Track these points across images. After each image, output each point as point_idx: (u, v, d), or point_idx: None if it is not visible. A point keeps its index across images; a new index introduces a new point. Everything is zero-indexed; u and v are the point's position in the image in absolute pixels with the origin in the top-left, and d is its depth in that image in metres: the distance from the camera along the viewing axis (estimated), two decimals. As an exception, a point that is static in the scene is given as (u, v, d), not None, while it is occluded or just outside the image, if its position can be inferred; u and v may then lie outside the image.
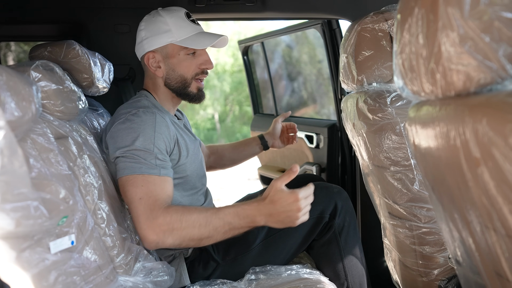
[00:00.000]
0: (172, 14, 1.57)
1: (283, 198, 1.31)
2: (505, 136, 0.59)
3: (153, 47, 1.56)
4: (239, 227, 1.34)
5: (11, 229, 0.79)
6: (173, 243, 1.31)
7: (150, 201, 1.32)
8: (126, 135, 1.39)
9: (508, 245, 0.66)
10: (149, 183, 1.35)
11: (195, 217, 1.32)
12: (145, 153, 1.37)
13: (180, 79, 1.58)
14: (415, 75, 0.78)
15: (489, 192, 0.66)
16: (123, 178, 1.37)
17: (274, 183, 1.33)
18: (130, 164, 1.36)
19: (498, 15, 0.65)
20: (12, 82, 0.89)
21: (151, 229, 1.29)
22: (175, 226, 1.30)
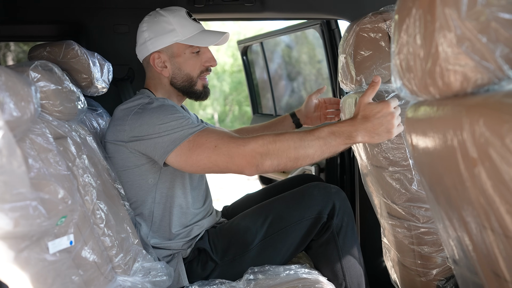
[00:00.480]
0: (175, 13, 1.58)
1: (375, 110, 1.31)
2: (502, 136, 0.59)
3: (158, 47, 1.57)
4: (335, 145, 1.33)
5: (10, 229, 0.79)
6: (271, 164, 1.33)
7: (226, 141, 1.35)
8: (149, 121, 1.41)
9: (506, 245, 0.66)
10: (206, 135, 1.38)
11: (287, 137, 1.34)
12: (177, 121, 1.40)
13: (186, 78, 1.60)
14: (413, 75, 0.78)
15: (486, 192, 0.66)
16: (177, 151, 1.38)
17: (360, 99, 1.33)
18: (174, 135, 1.38)
19: (495, 15, 0.66)
20: (11, 82, 0.90)
21: (248, 157, 1.32)
22: (269, 147, 1.32)
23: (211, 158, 1.36)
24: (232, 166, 1.35)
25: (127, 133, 1.44)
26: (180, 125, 1.40)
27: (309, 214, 1.52)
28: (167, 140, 1.39)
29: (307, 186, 1.60)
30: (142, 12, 1.66)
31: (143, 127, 1.42)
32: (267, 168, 1.33)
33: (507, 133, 0.58)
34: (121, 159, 1.49)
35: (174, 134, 1.38)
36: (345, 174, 2.33)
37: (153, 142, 1.40)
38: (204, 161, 1.37)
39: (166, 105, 1.46)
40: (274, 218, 1.54)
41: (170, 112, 1.43)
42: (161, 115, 1.41)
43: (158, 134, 1.39)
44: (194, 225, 1.59)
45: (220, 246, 1.55)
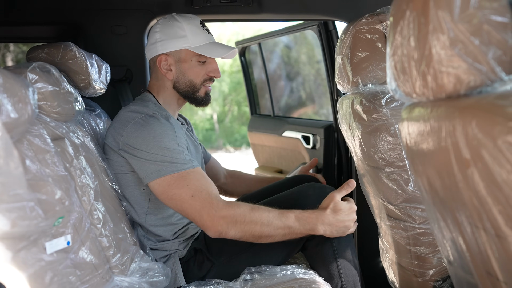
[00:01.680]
0: (189, 21, 1.61)
1: (343, 209, 1.44)
2: (494, 137, 0.60)
3: (167, 50, 1.60)
4: (298, 232, 1.42)
5: (7, 229, 0.79)
6: (235, 235, 1.39)
7: (203, 196, 1.39)
8: (146, 136, 1.43)
9: (498, 245, 0.67)
10: (191, 180, 1.41)
11: (258, 215, 1.40)
12: (172, 152, 1.42)
13: (189, 84, 1.62)
14: (407, 77, 0.79)
15: (479, 193, 0.66)
16: (158, 181, 1.41)
17: (333, 195, 1.45)
18: (162, 165, 1.40)
19: (487, 18, 0.66)
20: (8, 84, 0.90)
21: (215, 221, 1.37)
22: (238, 219, 1.38)
23: (183, 204, 1.40)
24: (198, 221, 1.39)
25: (122, 139, 1.46)
26: (172, 156, 1.42)
27: None
28: (153, 168, 1.41)
29: (302, 186, 1.61)
30: (139, 14, 1.67)
31: (137, 140, 1.44)
32: (230, 237, 1.40)
33: (499, 134, 0.59)
34: (115, 162, 1.50)
35: (161, 164, 1.41)
36: (342, 175, 2.34)
37: (140, 162, 1.43)
38: (176, 202, 1.41)
39: (168, 127, 1.47)
40: None
41: (169, 137, 1.44)
42: (158, 136, 1.43)
43: (148, 155, 1.42)
44: (190, 225, 1.60)
45: (216, 246, 1.55)
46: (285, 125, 2.83)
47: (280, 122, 2.93)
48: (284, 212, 1.42)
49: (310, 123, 2.66)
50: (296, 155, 2.68)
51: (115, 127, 1.50)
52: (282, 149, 2.84)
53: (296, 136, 2.66)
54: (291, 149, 2.73)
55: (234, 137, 12.37)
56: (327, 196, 1.46)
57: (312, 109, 6.37)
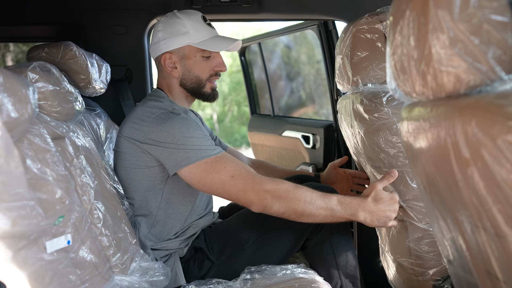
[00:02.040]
0: (190, 16, 1.60)
1: (384, 199, 1.41)
2: (494, 137, 0.60)
3: (170, 48, 1.59)
4: (339, 216, 1.41)
5: (7, 228, 0.80)
6: (278, 210, 1.39)
7: (243, 174, 1.40)
8: (171, 129, 1.43)
9: (498, 244, 0.67)
10: (226, 162, 1.42)
11: (301, 192, 1.39)
12: (199, 140, 1.43)
13: (195, 80, 1.62)
14: (407, 76, 0.79)
15: (479, 192, 0.66)
16: (191, 168, 1.41)
17: (375, 184, 1.42)
18: (193, 152, 1.41)
19: (487, 18, 0.66)
20: (9, 83, 0.90)
21: (262, 195, 1.37)
22: (283, 194, 1.38)
23: (225, 186, 1.40)
24: (243, 198, 1.40)
25: (144, 134, 1.46)
26: (200, 144, 1.43)
27: None
28: (183, 155, 1.41)
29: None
30: (139, 14, 1.68)
31: (162, 133, 1.44)
32: (273, 211, 1.39)
33: (499, 133, 0.59)
34: (132, 156, 1.50)
35: (191, 151, 1.41)
36: (342, 174, 2.34)
37: (168, 152, 1.43)
38: (217, 186, 1.41)
39: (189, 120, 1.48)
40: (269, 217, 1.55)
41: (194, 128, 1.45)
42: (183, 128, 1.44)
43: (176, 146, 1.42)
44: (191, 225, 1.60)
45: (216, 245, 1.56)
46: (285, 125, 2.83)
47: (280, 122, 2.93)
48: (327, 194, 1.41)
49: (310, 123, 2.66)
50: (296, 155, 2.68)
51: (133, 122, 1.50)
52: (282, 148, 2.84)
53: (296, 135, 2.66)
54: (291, 148, 2.74)
55: (234, 137, 12.38)
56: (369, 186, 1.45)
57: (312, 109, 6.36)
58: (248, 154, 2.45)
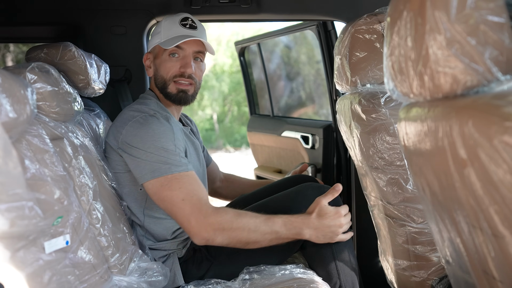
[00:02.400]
0: (170, 18, 1.62)
1: (329, 214, 1.43)
2: (490, 137, 0.60)
3: (149, 48, 1.65)
4: (284, 237, 1.42)
5: (6, 229, 0.80)
6: (222, 242, 1.39)
7: (194, 201, 1.39)
8: (145, 135, 1.43)
9: (494, 244, 0.67)
10: (184, 183, 1.40)
11: (245, 221, 1.39)
12: (168, 153, 1.41)
13: (160, 80, 1.61)
14: (404, 77, 0.79)
15: (475, 192, 0.67)
16: (152, 181, 1.40)
17: (319, 200, 1.45)
18: (157, 165, 1.40)
19: (484, 18, 0.67)
20: (7, 84, 0.91)
21: (203, 228, 1.36)
22: (225, 226, 1.38)
23: (173, 207, 1.39)
24: (186, 226, 1.39)
25: (121, 138, 1.46)
26: (167, 157, 1.41)
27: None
28: (148, 168, 1.41)
29: (301, 186, 1.61)
30: (139, 14, 1.68)
31: (135, 138, 1.43)
32: (217, 243, 1.39)
33: (495, 134, 0.59)
34: (113, 161, 1.51)
35: (156, 165, 1.40)
36: (341, 175, 2.34)
37: (136, 162, 1.43)
38: (167, 204, 1.40)
39: (167, 128, 1.46)
40: None
41: (167, 138, 1.44)
42: (156, 136, 1.43)
43: (144, 154, 1.41)
44: None
45: (215, 245, 1.55)
46: (284, 125, 2.83)
47: (280, 122, 2.93)
48: (271, 217, 1.41)
49: (309, 123, 2.66)
50: (295, 155, 2.68)
51: (116, 125, 1.51)
52: (281, 149, 2.84)
53: (295, 136, 2.67)
54: (290, 149, 2.74)
55: (234, 137, 12.38)
56: (314, 201, 1.46)
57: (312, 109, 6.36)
58: (248, 155, 2.45)
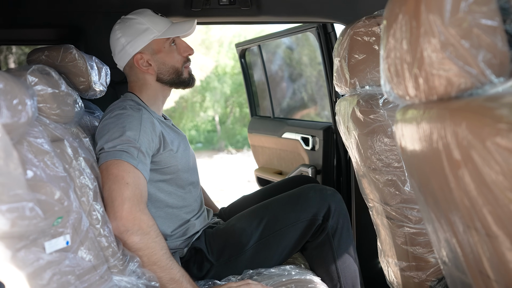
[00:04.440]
0: (143, 14, 1.62)
1: None
2: (483, 139, 0.61)
3: (138, 48, 1.60)
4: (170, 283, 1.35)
5: (7, 229, 0.81)
6: (134, 244, 1.31)
7: (137, 192, 1.35)
8: (113, 128, 1.43)
9: (488, 244, 0.68)
10: (134, 174, 1.37)
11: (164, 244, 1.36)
12: (129, 144, 1.40)
13: (172, 70, 1.63)
14: (400, 79, 0.80)
15: (469, 193, 0.67)
16: (107, 162, 1.37)
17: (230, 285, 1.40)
18: (115, 151, 1.38)
19: (477, 22, 0.67)
20: (8, 86, 0.92)
21: (131, 218, 1.31)
22: (151, 233, 1.34)
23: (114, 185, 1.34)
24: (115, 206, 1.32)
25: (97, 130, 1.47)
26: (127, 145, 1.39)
27: (304, 216, 1.54)
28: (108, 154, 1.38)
29: (302, 188, 1.62)
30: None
31: (106, 121, 1.46)
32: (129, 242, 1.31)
33: (488, 136, 0.60)
34: None
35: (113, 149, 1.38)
36: (341, 176, 2.35)
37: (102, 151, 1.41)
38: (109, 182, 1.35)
39: (135, 118, 1.46)
40: (270, 219, 1.56)
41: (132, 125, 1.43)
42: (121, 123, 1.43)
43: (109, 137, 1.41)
44: (188, 225, 1.61)
45: (216, 246, 1.57)
46: (284, 126, 2.84)
47: (280, 123, 2.94)
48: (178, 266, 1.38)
49: (309, 125, 2.67)
50: (296, 157, 2.69)
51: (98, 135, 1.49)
52: (281, 150, 2.85)
53: (295, 137, 2.67)
54: (290, 150, 2.75)
55: (235, 139, 12.39)
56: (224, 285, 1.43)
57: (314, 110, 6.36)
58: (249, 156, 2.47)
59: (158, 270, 1.33)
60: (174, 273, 1.35)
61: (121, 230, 1.30)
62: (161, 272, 1.33)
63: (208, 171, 8.17)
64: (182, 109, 12.20)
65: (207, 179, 6.97)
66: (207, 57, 11.74)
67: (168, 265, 1.35)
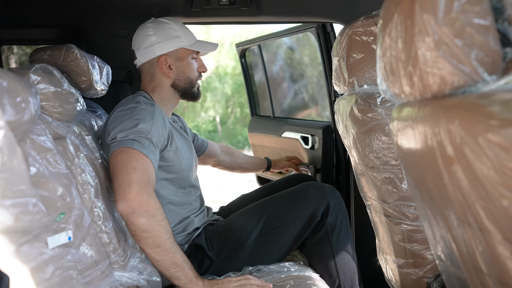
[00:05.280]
0: (177, 22, 1.69)
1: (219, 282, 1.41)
2: (475, 135, 0.62)
3: (166, 51, 1.65)
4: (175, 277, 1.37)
5: (11, 223, 0.83)
6: (141, 226, 1.31)
7: (145, 176, 1.36)
8: (126, 120, 1.46)
9: (481, 238, 0.69)
10: (143, 161, 1.38)
11: (170, 229, 1.38)
12: (140, 135, 1.42)
13: (188, 80, 1.69)
14: (396, 78, 0.82)
15: (463, 189, 0.69)
16: (118, 149, 1.39)
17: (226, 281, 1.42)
18: (126, 140, 1.40)
19: (470, 21, 0.69)
20: (12, 84, 0.93)
21: (138, 199, 1.31)
22: (157, 216, 1.34)
23: (122, 169, 1.35)
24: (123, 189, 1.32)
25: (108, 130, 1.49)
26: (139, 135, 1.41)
27: (303, 213, 1.56)
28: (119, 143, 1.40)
29: (302, 185, 1.63)
30: (140, 16, 1.71)
31: (119, 114, 1.50)
32: (136, 223, 1.31)
33: (480, 132, 0.61)
34: None
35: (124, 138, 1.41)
36: (340, 175, 2.36)
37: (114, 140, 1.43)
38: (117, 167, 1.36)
39: (148, 112, 1.50)
40: (269, 216, 1.58)
41: (144, 118, 1.47)
42: (135, 116, 1.47)
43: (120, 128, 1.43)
44: (188, 221, 1.63)
45: (216, 243, 1.58)
46: (284, 126, 2.85)
47: (280, 123, 2.95)
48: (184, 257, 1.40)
49: (309, 124, 2.68)
50: (295, 155, 2.70)
51: (106, 123, 1.54)
52: (281, 149, 2.86)
53: (295, 136, 2.69)
54: (290, 149, 2.76)
55: (236, 139, 12.39)
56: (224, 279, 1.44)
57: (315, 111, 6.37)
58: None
59: (162, 253, 1.34)
60: (177, 257, 1.37)
61: (128, 211, 1.30)
62: (164, 255, 1.35)
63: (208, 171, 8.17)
64: (183, 109, 12.22)
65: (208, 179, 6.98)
66: (208, 57, 11.73)
67: (172, 249, 1.36)
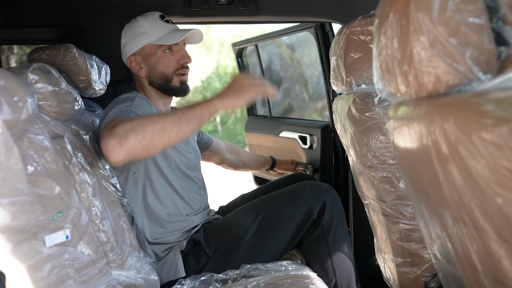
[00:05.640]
0: (147, 17, 1.66)
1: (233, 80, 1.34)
2: (469, 134, 0.62)
3: (133, 50, 1.65)
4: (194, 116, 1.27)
5: (8, 222, 0.83)
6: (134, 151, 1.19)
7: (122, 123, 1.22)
8: (110, 109, 1.45)
9: (476, 237, 0.70)
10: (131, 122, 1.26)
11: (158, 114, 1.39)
12: (120, 110, 1.42)
13: (161, 76, 1.66)
14: (392, 77, 0.82)
15: (457, 187, 0.69)
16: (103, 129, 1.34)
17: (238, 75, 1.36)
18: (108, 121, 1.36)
19: (464, 20, 0.69)
20: (9, 84, 0.94)
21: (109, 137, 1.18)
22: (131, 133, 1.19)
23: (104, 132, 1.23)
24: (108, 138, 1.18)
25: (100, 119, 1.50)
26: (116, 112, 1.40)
27: (300, 211, 1.56)
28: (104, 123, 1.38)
29: (298, 184, 1.64)
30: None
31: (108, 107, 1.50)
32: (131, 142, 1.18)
33: (474, 130, 0.62)
34: None
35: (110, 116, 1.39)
36: (339, 175, 2.36)
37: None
38: None
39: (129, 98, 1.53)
40: (266, 214, 1.58)
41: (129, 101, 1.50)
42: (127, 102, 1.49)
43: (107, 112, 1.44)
44: (186, 217, 1.64)
45: (214, 240, 1.59)
46: (281, 125, 2.85)
47: (277, 122, 2.95)
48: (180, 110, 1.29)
49: (307, 124, 2.68)
50: (293, 155, 2.70)
51: None
52: (279, 149, 2.86)
53: (293, 136, 2.68)
54: (288, 149, 2.75)
55: (237, 139, 12.39)
56: None
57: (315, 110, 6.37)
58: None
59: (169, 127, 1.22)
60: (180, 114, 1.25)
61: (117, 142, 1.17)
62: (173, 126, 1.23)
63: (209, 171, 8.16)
64: (183, 109, 12.16)
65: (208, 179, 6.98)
66: (208, 57, 11.75)
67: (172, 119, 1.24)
